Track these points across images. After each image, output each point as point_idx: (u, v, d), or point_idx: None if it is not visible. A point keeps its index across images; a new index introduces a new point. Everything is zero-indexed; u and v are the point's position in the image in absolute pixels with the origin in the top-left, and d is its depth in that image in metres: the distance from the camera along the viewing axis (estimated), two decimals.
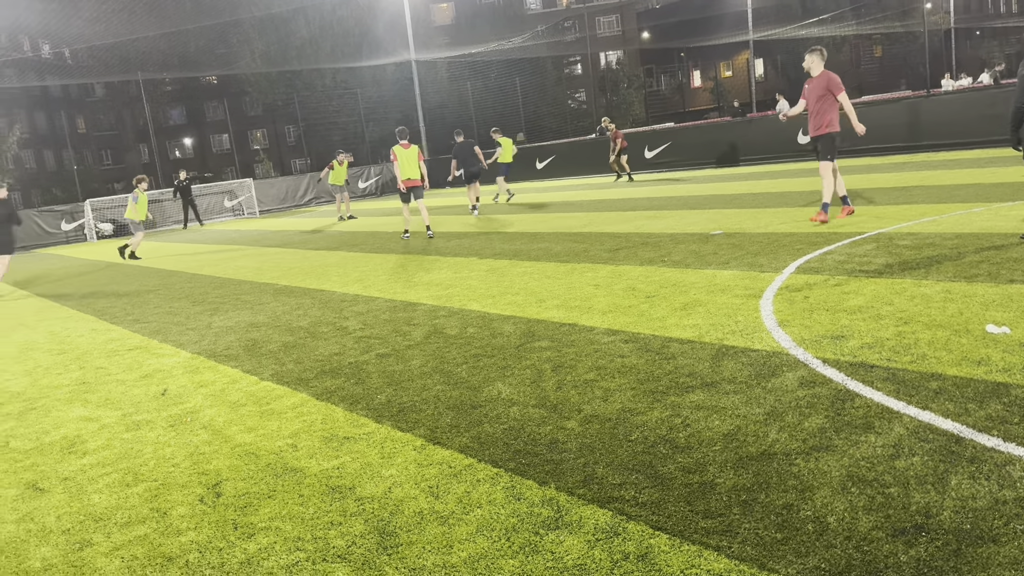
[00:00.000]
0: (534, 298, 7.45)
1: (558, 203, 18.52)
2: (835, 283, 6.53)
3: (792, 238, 9.07)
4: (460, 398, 4.72)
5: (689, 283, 7.25)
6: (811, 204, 12.11)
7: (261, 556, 3.10)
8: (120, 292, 11.85)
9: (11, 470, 4.47)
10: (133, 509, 3.71)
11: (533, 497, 3.30)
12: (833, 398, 3.99)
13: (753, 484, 3.17)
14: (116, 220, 29.01)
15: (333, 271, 11.18)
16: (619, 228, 11.99)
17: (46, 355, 7.68)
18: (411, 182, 14.00)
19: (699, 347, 5.16)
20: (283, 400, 5.15)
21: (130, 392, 5.85)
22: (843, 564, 2.56)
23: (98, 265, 17.30)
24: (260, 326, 7.75)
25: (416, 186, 14.06)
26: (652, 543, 2.82)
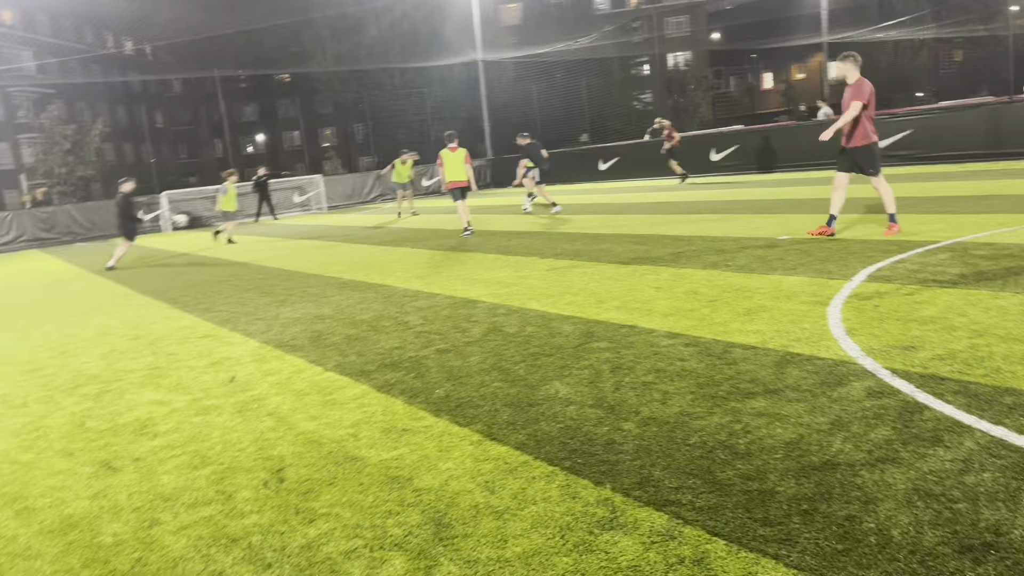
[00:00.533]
0: (594, 299, 7.43)
1: (621, 204, 18.42)
2: (907, 292, 6.35)
3: (863, 245, 8.85)
4: (517, 395, 4.75)
5: (754, 288, 7.14)
6: (883, 211, 11.77)
7: (321, 541, 3.17)
8: (192, 282, 12.23)
9: (87, 449, 4.66)
10: (200, 491, 3.83)
11: (588, 496, 3.30)
12: (901, 410, 3.89)
13: (815, 494, 3.11)
14: (190, 212, 29.93)
15: (396, 267, 11.34)
16: (682, 231, 11.87)
17: (122, 340, 7.98)
18: (456, 183, 14.54)
19: (762, 353, 5.08)
20: (345, 391, 5.25)
21: (200, 378, 6.04)
22: None
23: (172, 255, 17.89)
24: (325, 318, 7.91)
25: (462, 187, 14.60)
26: (708, 548, 2.79)
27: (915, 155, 21.31)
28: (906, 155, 21.55)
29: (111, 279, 13.94)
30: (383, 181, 34.26)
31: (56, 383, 6.41)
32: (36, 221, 27.88)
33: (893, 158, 21.83)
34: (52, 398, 5.94)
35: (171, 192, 30.52)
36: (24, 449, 4.78)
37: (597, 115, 45.97)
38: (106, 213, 28.93)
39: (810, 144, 23.95)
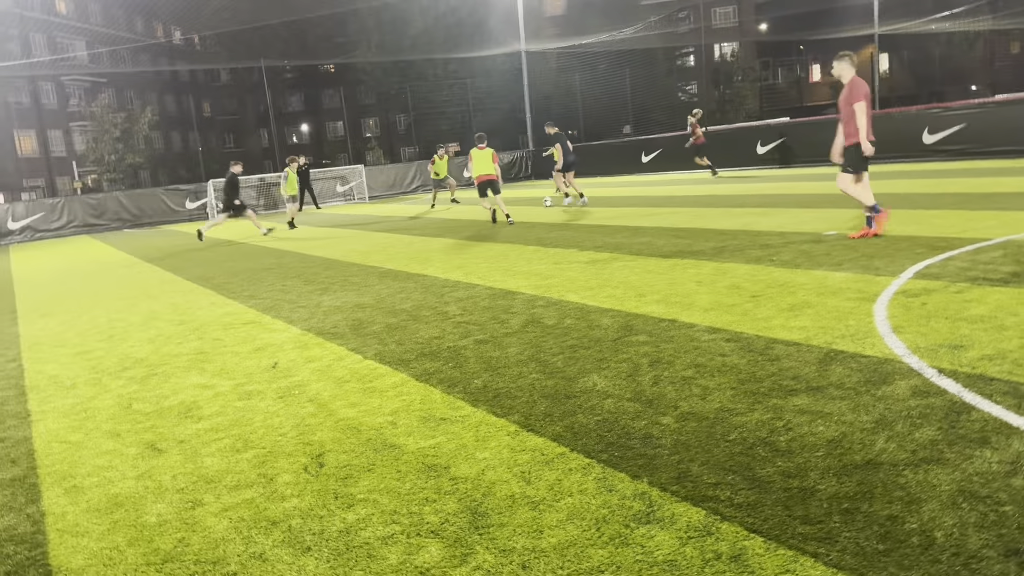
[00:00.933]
0: (634, 292, 7.39)
1: (663, 197, 18.27)
2: (956, 290, 6.20)
3: (911, 241, 8.66)
4: (555, 387, 4.75)
5: (798, 284, 7.03)
6: (935, 207, 11.52)
7: (359, 526, 3.21)
8: (237, 269, 12.43)
9: (133, 430, 4.77)
10: (242, 473, 3.90)
11: (625, 490, 3.29)
12: (947, 409, 3.81)
13: (856, 492, 3.06)
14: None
15: (436, 257, 11.40)
16: (726, 225, 11.73)
17: (168, 325, 8.15)
18: (485, 176, 15.85)
19: (805, 350, 5.00)
20: (385, 379, 5.29)
21: (243, 363, 6.14)
22: None
23: (218, 243, 18.19)
24: (365, 307, 7.98)
25: (492, 180, 15.83)
26: (746, 545, 2.77)
27: (968, 150, 20.78)
28: (959, 150, 21.03)
29: (157, 265, 14.24)
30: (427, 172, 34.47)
31: (104, 366, 6.57)
32: (86, 207, 28.56)
33: (945, 153, 21.32)
34: (100, 380, 6.09)
35: (218, 180, 31.01)
36: (73, 429, 4.91)
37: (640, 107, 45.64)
38: (154, 200, 29.58)
39: None
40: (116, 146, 48.24)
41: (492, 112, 49.62)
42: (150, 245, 19.44)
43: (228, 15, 55.29)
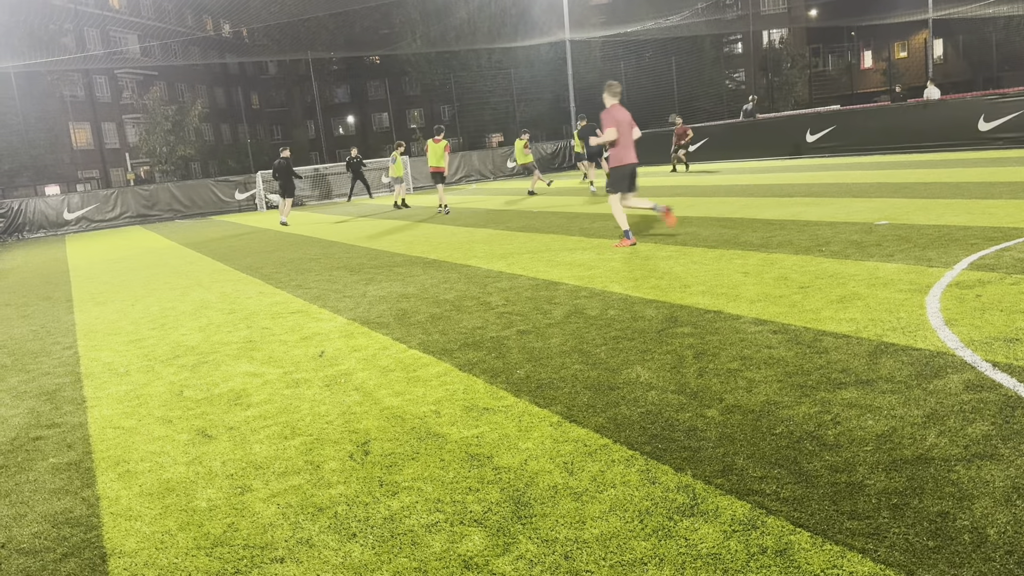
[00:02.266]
0: (678, 283, 7.33)
1: (710, 187, 18.05)
2: (1012, 282, 6.03)
3: (966, 232, 8.43)
4: (598, 378, 4.73)
5: (848, 275, 6.90)
6: (990, 197, 11.20)
7: (403, 514, 3.25)
8: (285, 259, 12.61)
9: (184, 417, 4.88)
10: (289, 460, 3.97)
11: (668, 482, 3.27)
12: (1002, 404, 3.71)
13: (906, 488, 3.00)
14: None
15: (479, 247, 11.42)
16: (774, 215, 11.55)
17: (218, 314, 8.31)
18: (436, 168, 18.11)
19: (855, 342, 4.91)
20: (428, 368, 5.34)
21: (291, 352, 6.24)
22: None
23: (267, 233, 18.48)
24: (410, 297, 8.05)
25: (439, 172, 18.14)
26: (792, 539, 2.73)
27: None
28: (1016, 137, 20.38)
29: (207, 255, 14.52)
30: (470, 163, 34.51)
31: (156, 354, 6.73)
32: (139, 198, 29.22)
33: (1002, 141, 20.70)
34: (152, 368, 6.24)
35: (266, 172, 31.49)
36: (126, 415, 5.04)
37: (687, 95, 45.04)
38: (204, 191, 30.14)
39: (915, 125, 23.00)
40: (168, 138, 49.21)
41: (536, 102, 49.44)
42: (201, 235, 19.83)
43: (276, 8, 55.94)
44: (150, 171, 52.92)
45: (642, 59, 45.04)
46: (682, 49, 45.76)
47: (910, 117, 23.52)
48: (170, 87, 61.77)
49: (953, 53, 57.32)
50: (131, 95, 58.07)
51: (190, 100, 55.63)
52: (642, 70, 44.13)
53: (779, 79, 58.20)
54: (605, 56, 50.16)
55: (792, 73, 58.51)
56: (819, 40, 63.88)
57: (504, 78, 47.64)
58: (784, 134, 27.24)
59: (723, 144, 29.70)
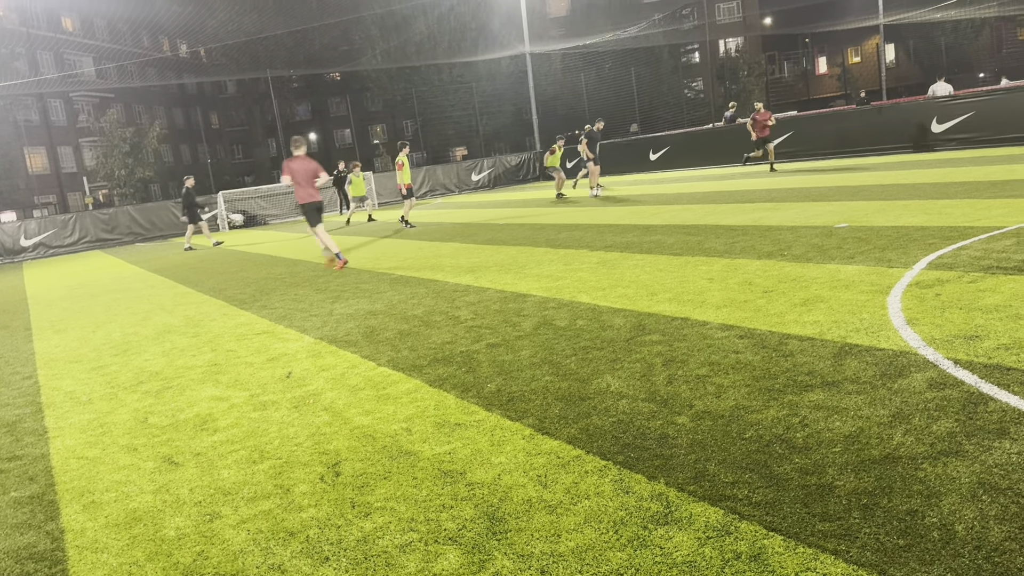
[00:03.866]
0: (645, 291, 7.37)
1: (672, 195, 18.22)
2: (970, 280, 6.15)
3: (924, 232, 8.61)
4: (569, 389, 4.74)
5: (810, 278, 7.00)
6: (946, 197, 11.44)
7: (376, 535, 3.21)
8: (249, 279, 12.47)
9: (149, 444, 4.79)
10: (259, 485, 3.91)
11: (642, 491, 3.28)
12: (965, 401, 3.77)
13: (875, 488, 3.04)
14: (246, 211, 30.54)
15: (446, 261, 11.40)
16: (736, 220, 11.69)
17: (182, 337, 8.18)
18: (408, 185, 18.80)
19: (820, 345, 4.97)
20: (398, 385, 5.30)
21: (257, 374, 6.16)
22: (971, 575, 2.42)
23: (230, 254, 18.27)
24: (378, 314, 8.00)
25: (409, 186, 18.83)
26: (766, 544, 2.75)
27: (978, 138, 20.64)
28: (968, 138, 20.88)
29: (169, 278, 14.31)
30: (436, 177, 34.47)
31: (119, 380, 6.60)
32: (98, 222, 28.73)
33: (955, 142, 21.18)
34: (116, 395, 6.12)
35: (227, 192, 31.16)
36: (90, 445, 4.93)
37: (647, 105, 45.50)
38: (165, 213, 29.74)
39: (867, 128, 23.45)
40: (126, 160, 48.49)
41: (498, 115, 49.66)
42: (162, 258, 19.55)
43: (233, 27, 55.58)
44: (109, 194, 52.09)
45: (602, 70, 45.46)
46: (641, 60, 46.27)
47: (866, 121, 23.98)
48: (127, 109, 60.96)
49: (905, 57, 58.64)
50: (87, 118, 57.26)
51: (148, 121, 54.92)
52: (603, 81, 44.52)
53: (736, 87, 59.03)
54: (565, 68, 50.55)
55: (749, 81, 59.37)
56: (774, 47, 65.01)
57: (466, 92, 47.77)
58: (744, 141, 27.61)
59: (685, 152, 30.02)
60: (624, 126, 43.47)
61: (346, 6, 55.34)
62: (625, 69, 42.18)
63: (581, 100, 42.30)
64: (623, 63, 43.91)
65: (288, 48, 62.87)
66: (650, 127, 42.39)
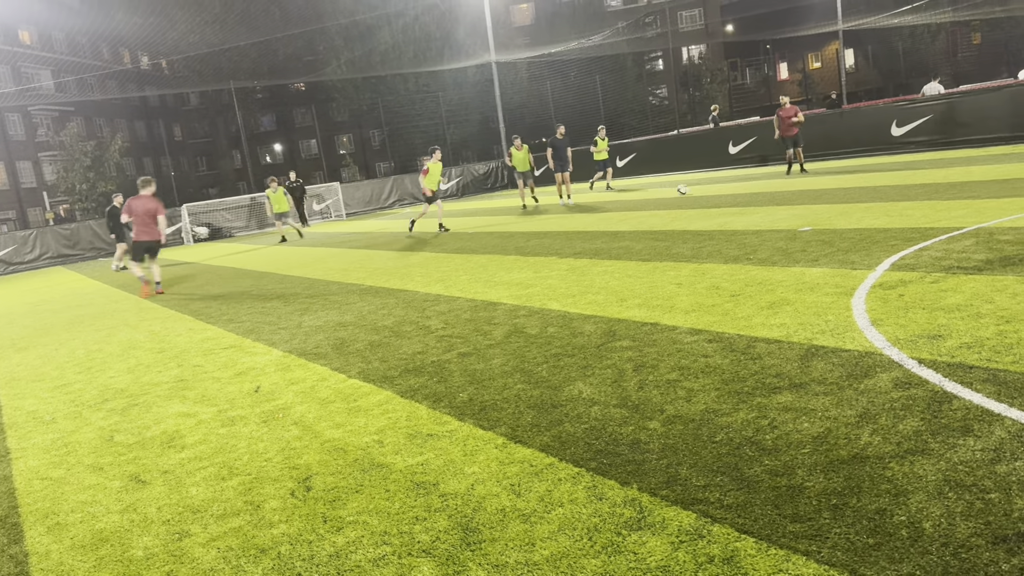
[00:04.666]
0: (615, 297, 7.41)
1: (639, 201, 18.35)
2: (932, 280, 6.27)
3: (886, 234, 8.75)
4: (541, 397, 4.74)
5: (776, 281, 7.08)
6: (907, 199, 11.66)
7: (349, 549, 3.18)
8: (215, 293, 12.32)
9: (115, 463, 4.71)
10: (228, 502, 3.86)
11: (615, 497, 3.29)
12: (930, 400, 3.84)
13: (844, 488, 3.08)
14: (211, 224, 30.18)
15: (416, 271, 11.37)
16: (702, 226, 11.80)
17: (147, 353, 8.06)
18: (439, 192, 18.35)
19: (787, 347, 5.03)
20: (369, 397, 5.26)
21: (225, 389, 6.08)
22: (939, 571, 2.46)
23: (195, 267, 18.05)
24: (347, 325, 7.94)
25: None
26: (738, 546, 2.77)
27: (936, 141, 21.07)
28: (926, 141, 21.31)
29: (133, 293, 14.08)
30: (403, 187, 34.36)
31: (84, 399, 6.48)
32: (59, 238, 28.22)
33: (914, 144, 21.59)
34: (80, 414, 6.01)
35: (192, 204, 30.79)
36: (54, 465, 4.83)
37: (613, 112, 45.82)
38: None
39: (828, 133, 23.83)
40: (87, 175, 47.70)
41: (465, 123, 49.71)
42: (126, 274, 19.24)
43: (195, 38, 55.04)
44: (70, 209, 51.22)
45: (568, 78, 45.70)
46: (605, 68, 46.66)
47: (827, 126, 24.37)
48: (88, 122, 60.02)
49: (864, 62, 59.74)
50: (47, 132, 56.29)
51: (109, 135, 54.14)
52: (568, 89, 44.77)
53: (700, 94, 59.71)
54: (531, 76, 50.77)
55: (712, 87, 60.11)
56: (736, 54, 65.89)
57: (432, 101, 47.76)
58: (708, 147, 27.91)
59: (650, 158, 30.28)
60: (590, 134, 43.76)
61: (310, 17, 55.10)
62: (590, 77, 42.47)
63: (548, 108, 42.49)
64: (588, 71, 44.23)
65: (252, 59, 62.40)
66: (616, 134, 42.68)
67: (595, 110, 41.17)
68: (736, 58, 65.91)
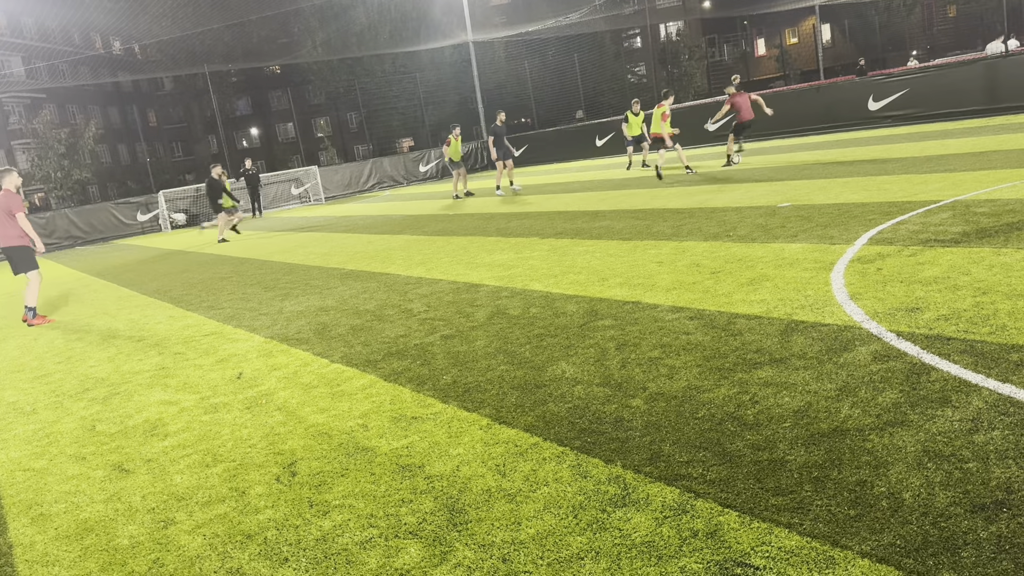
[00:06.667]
0: (596, 276, 7.43)
1: (619, 180, 18.36)
2: (909, 254, 6.33)
3: (863, 208, 8.82)
4: (524, 378, 4.75)
5: (756, 258, 7.12)
6: (884, 173, 11.74)
7: (336, 533, 3.19)
8: (195, 280, 12.23)
9: (98, 452, 4.68)
10: (213, 489, 3.85)
11: (599, 475, 3.31)
12: (908, 372, 3.89)
13: (825, 461, 3.12)
14: (188, 210, 29.90)
15: (397, 254, 11.33)
16: (682, 204, 11.83)
17: (127, 342, 8.00)
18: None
19: (767, 323, 5.07)
20: (353, 382, 5.26)
21: (207, 376, 6.05)
22: (919, 541, 2.50)
23: (173, 254, 17.89)
24: (329, 310, 7.91)
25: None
26: (721, 520, 2.80)
27: (912, 115, 21.19)
28: (903, 115, 21.43)
29: (112, 281, 13.95)
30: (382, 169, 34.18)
31: (64, 388, 6.43)
32: (35, 227, 27.83)
33: (890, 119, 21.71)
34: (61, 404, 5.96)
35: (168, 191, 30.47)
36: (36, 456, 4.80)
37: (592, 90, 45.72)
38: (104, 215, 28.94)
39: (805, 109, 23.91)
40: (61, 162, 47.06)
41: (444, 104, 49.38)
42: (103, 261, 19.04)
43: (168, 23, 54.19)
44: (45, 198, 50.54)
45: (546, 57, 45.50)
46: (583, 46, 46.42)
47: (804, 101, 24.44)
48: (61, 109, 59.12)
49: (840, 37, 59.85)
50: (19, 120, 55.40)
51: (83, 122, 53.35)
52: (547, 68, 44.60)
53: (678, 71, 59.62)
54: (509, 56, 50.50)
55: (690, 64, 60.03)
56: (714, 31, 65.76)
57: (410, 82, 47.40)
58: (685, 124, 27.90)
59: None
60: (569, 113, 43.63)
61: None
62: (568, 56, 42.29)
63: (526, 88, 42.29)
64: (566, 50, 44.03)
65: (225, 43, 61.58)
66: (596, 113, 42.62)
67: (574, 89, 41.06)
68: (714, 34, 65.82)
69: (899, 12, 53.56)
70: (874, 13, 52.72)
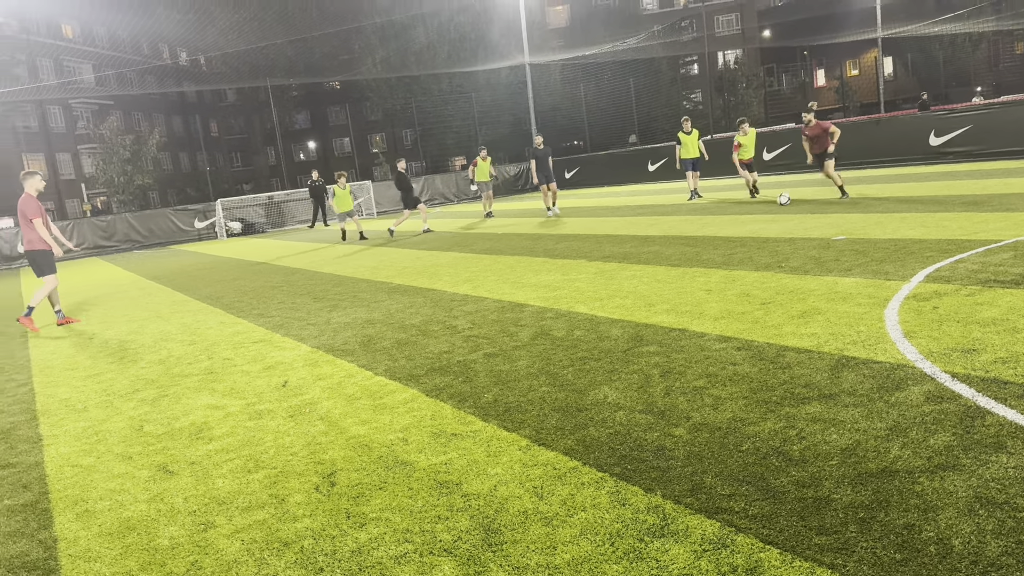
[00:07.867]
0: (643, 302, 7.37)
1: (670, 206, 18.24)
2: (967, 293, 6.16)
3: (921, 245, 8.61)
4: (566, 400, 4.72)
5: (808, 290, 7.00)
6: (944, 210, 11.46)
7: (371, 546, 3.19)
8: (246, 288, 12.46)
9: (144, 453, 4.77)
10: (253, 494, 3.89)
11: (638, 503, 3.26)
12: (962, 415, 3.77)
13: (872, 501, 3.03)
14: (244, 219, 30.54)
15: (444, 271, 11.40)
16: (734, 232, 11.70)
17: (178, 345, 8.17)
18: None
19: (817, 357, 4.97)
20: (395, 395, 5.28)
21: (254, 383, 6.14)
22: None
23: (227, 262, 18.26)
24: (375, 323, 7.98)
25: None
26: (762, 557, 2.74)
27: (975, 151, 20.71)
28: (965, 151, 20.95)
29: (166, 285, 14.29)
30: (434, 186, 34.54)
31: (115, 388, 6.58)
32: (96, 229, 28.72)
33: (952, 155, 21.24)
34: (111, 403, 6.10)
35: (226, 199, 31.17)
36: (85, 453, 4.91)
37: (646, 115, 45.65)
38: (163, 220, 29.70)
39: (865, 142, 23.51)
40: (125, 168, 48.48)
41: (497, 124, 49.77)
42: (160, 266, 19.53)
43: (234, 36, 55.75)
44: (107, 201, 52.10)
45: (601, 81, 45.61)
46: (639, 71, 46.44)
47: (864, 134, 24.05)
48: (126, 116, 61.04)
49: (903, 71, 58.86)
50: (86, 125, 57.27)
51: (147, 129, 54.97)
52: (601, 92, 44.67)
53: (735, 99, 59.22)
54: (564, 79, 50.70)
55: (747, 93, 59.58)
56: (773, 60, 65.25)
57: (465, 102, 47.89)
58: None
59: None
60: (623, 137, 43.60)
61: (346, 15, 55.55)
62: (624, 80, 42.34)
63: (580, 110, 42.42)
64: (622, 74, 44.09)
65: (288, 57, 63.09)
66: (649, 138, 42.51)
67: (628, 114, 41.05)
68: (773, 63, 65.29)
69: (964, 47, 52.47)
70: (938, 47, 51.79)
